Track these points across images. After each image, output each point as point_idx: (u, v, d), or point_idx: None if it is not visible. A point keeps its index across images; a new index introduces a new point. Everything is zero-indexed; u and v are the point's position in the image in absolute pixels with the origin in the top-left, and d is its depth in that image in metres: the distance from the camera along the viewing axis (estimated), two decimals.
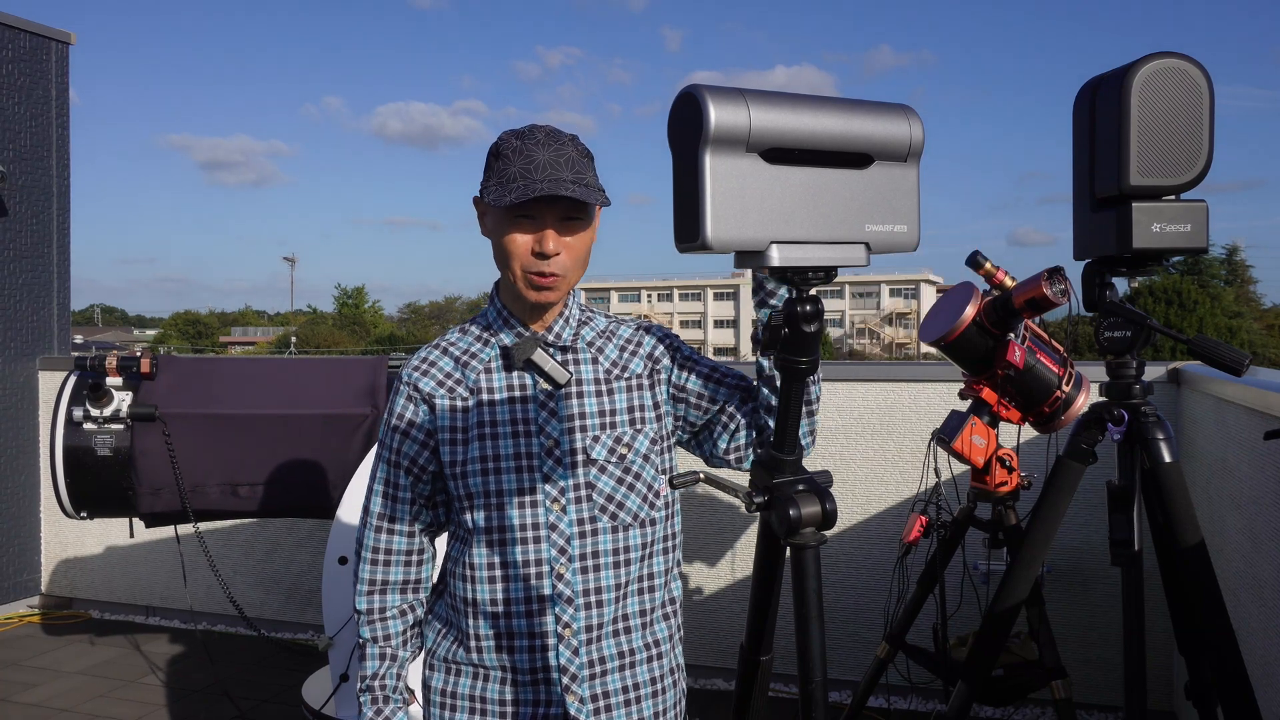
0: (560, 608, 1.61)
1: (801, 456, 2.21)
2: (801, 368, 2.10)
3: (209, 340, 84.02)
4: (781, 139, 1.85)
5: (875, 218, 1.96)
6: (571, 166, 1.56)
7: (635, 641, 1.66)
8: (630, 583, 1.64)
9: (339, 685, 3.04)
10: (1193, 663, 2.44)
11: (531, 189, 1.51)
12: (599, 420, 1.63)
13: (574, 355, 1.66)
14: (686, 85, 1.85)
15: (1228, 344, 2.18)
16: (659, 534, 1.67)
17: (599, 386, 1.64)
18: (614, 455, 1.62)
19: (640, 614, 1.67)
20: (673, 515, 1.71)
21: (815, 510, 2.08)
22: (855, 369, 4.16)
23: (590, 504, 1.62)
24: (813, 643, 2.05)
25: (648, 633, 1.67)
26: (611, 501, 1.62)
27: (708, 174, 1.78)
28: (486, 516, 1.62)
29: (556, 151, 1.56)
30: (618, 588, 1.63)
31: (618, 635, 1.65)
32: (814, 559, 2.08)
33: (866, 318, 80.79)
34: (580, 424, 1.62)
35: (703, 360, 1.73)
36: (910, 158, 1.99)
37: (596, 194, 1.59)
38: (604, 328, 1.70)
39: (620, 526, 1.63)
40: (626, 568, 1.63)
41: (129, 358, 3.15)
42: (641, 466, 1.63)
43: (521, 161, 1.54)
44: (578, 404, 1.63)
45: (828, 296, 76.08)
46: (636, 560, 1.64)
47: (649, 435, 1.64)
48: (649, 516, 1.64)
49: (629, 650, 1.66)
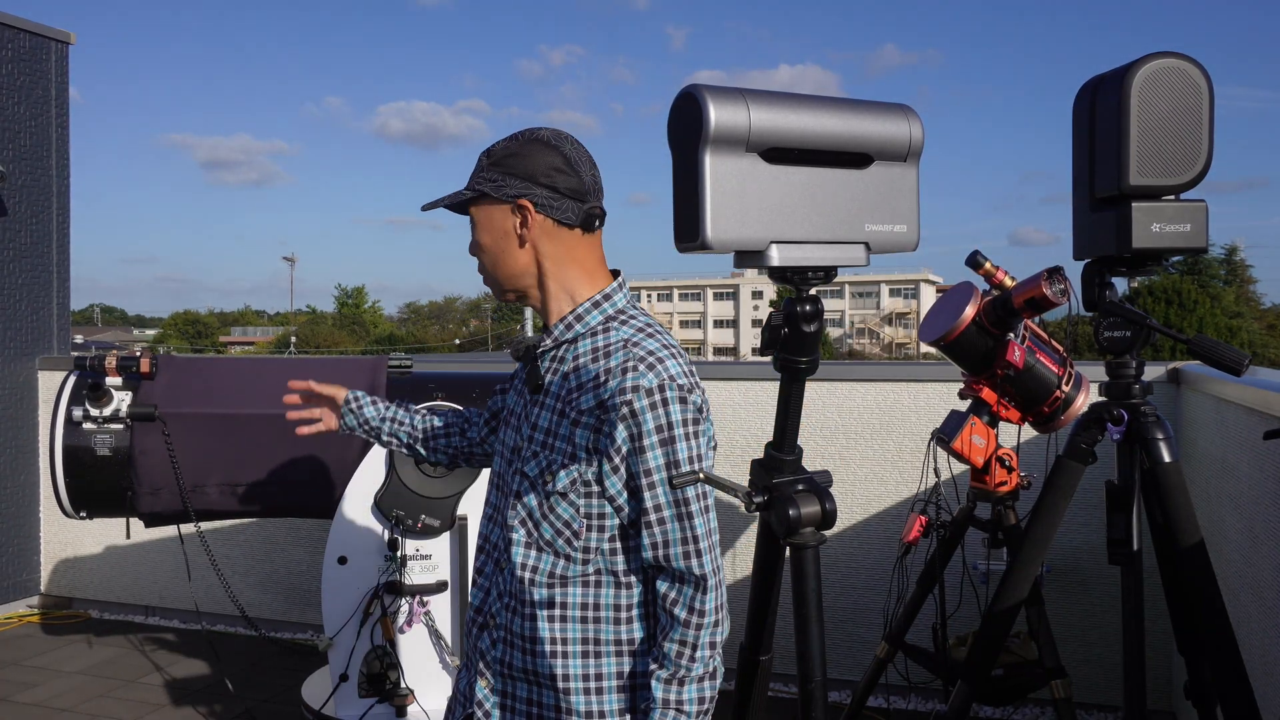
0: (492, 600, 1.64)
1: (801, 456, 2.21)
2: (801, 367, 2.11)
3: (209, 340, 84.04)
4: (781, 139, 1.85)
5: (875, 217, 1.96)
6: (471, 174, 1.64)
7: (542, 666, 1.55)
8: (541, 604, 1.54)
9: (339, 685, 3.04)
10: (1192, 662, 2.44)
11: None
12: (542, 437, 1.57)
13: (556, 364, 1.61)
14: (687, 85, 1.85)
15: (1228, 344, 2.18)
16: (575, 571, 1.52)
17: (558, 404, 1.57)
18: (540, 478, 1.55)
19: (551, 640, 1.54)
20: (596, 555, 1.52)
21: (815, 510, 2.08)
22: (855, 369, 4.16)
23: (515, 512, 1.60)
24: (812, 643, 2.05)
25: (557, 662, 1.54)
26: (531, 518, 1.56)
27: (708, 174, 1.78)
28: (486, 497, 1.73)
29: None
30: (530, 603, 1.55)
31: (518, 649, 1.57)
32: (814, 559, 2.08)
33: (866, 318, 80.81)
34: (533, 434, 1.60)
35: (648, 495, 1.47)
36: (910, 157, 1.99)
37: (456, 194, 1.62)
38: (601, 346, 1.56)
39: (533, 544, 1.55)
40: (533, 588, 1.55)
41: (128, 358, 3.15)
42: (557, 501, 1.52)
43: None
44: (539, 414, 1.60)
45: (828, 296, 76.07)
46: (543, 584, 1.54)
47: (569, 475, 1.51)
48: (564, 551, 1.52)
49: (527, 670, 1.56)
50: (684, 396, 1.49)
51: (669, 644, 1.46)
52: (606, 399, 1.49)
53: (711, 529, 1.50)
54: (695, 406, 1.50)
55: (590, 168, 1.63)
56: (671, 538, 1.47)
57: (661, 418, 1.46)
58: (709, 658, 1.47)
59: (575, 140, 1.64)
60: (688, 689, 1.46)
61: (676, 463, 1.46)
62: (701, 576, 1.47)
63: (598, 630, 1.54)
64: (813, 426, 4.07)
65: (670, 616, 1.48)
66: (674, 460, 1.46)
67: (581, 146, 1.64)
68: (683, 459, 1.47)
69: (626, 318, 1.60)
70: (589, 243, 1.64)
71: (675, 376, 1.49)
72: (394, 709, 3.02)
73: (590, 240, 1.64)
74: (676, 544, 1.47)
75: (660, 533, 1.47)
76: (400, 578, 3.03)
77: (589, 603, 1.53)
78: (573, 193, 1.60)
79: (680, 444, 1.47)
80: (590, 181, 1.63)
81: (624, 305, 1.63)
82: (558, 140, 1.61)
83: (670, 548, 1.47)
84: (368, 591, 3.04)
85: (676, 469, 1.46)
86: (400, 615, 3.06)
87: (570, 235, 1.61)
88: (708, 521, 1.50)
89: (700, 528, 1.48)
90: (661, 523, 1.47)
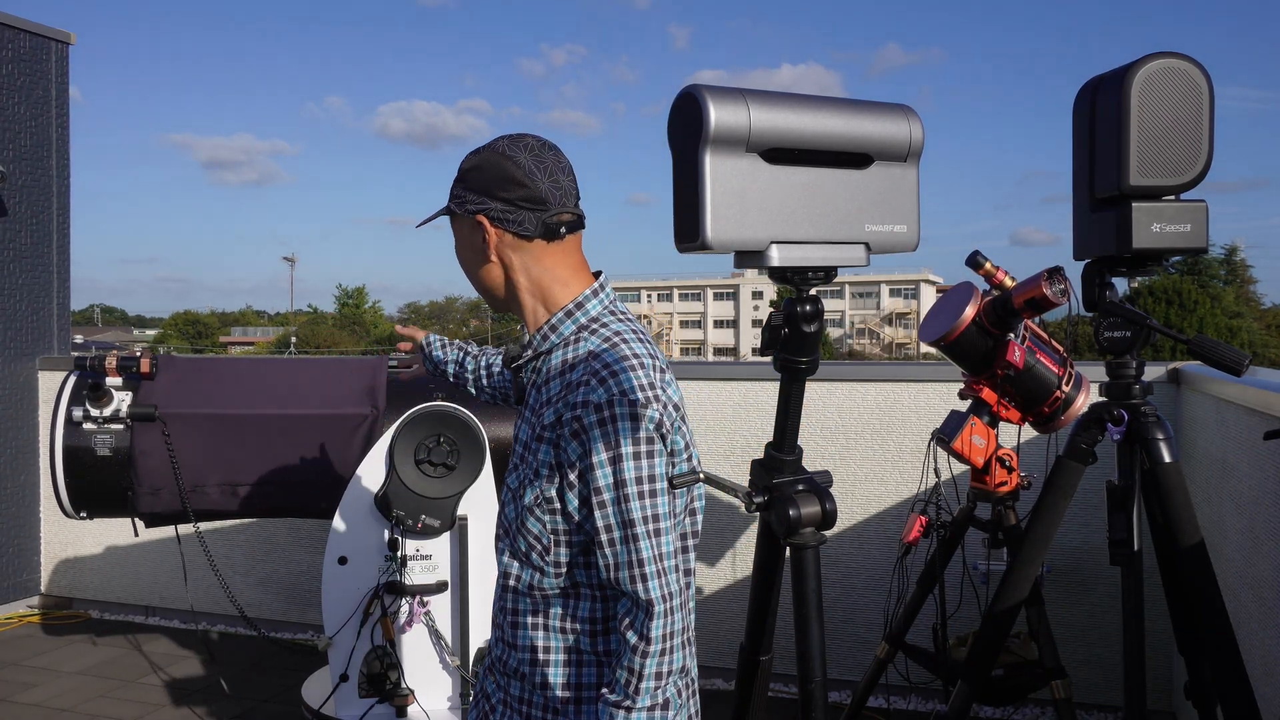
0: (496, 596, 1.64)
1: (801, 457, 2.21)
2: (801, 367, 2.10)
3: (209, 340, 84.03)
4: (781, 139, 1.85)
5: (875, 218, 1.96)
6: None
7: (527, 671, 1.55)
8: (523, 612, 1.54)
9: (339, 685, 3.04)
10: (1193, 662, 2.44)
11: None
12: (520, 450, 1.55)
13: (534, 376, 1.58)
14: (687, 85, 1.85)
15: (1228, 344, 2.18)
16: (551, 584, 1.50)
17: (531, 417, 1.54)
18: (519, 490, 1.52)
19: (532, 649, 1.53)
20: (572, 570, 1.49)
21: (815, 510, 2.08)
22: (855, 369, 4.16)
23: (500, 521, 1.59)
24: (812, 643, 2.05)
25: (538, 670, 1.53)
26: (510, 529, 1.54)
27: (708, 174, 1.78)
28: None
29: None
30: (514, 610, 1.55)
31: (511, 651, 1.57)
32: (814, 559, 2.08)
33: (866, 318, 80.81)
34: (515, 445, 1.59)
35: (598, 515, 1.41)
36: (910, 158, 1.99)
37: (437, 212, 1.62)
38: (570, 359, 1.51)
39: (515, 554, 1.53)
40: (516, 596, 1.54)
41: (128, 358, 3.15)
42: (526, 515, 1.49)
43: None
44: (521, 425, 1.58)
45: (828, 296, 76.07)
46: (525, 594, 1.53)
47: (534, 490, 1.48)
48: (538, 564, 1.49)
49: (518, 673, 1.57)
50: (636, 413, 1.40)
51: (620, 670, 1.41)
52: (563, 414, 1.44)
53: (663, 553, 1.41)
54: (651, 422, 1.41)
55: (553, 175, 1.55)
56: (620, 560, 1.41)
57: (611, 434, 1.39)
58: (656, 689, 1.39)
59: (541, 146, 1.57)
60: (635, 717, 1.39)
61: (624, 482, 1.39)
62: (648, 601, 1.39)
63: (578, 640, 1.51)
64: (813, 426, 4.07)
65: (623, 639, 1.42)
66: (621, 479, 1.39)
67: (547, 153, 1.56)
68: (631, 478, 1.39)
69: (599, 326, 1.54)
70: (558, 250, 1.56)
71: (628, 391, 1.41)
72: (394, 709, 3.02)
73: (559, 248, 1.56)
74: (624, 566, 1.40)
75: (610, 554, 1.41)
76: (400, 578, 3.03)
77: (568, 614, 1.51)
78: (529, 203, 1.52)
79: (629, 463, 1.39)
80: (549, 189, 1.54)
81: (598, 312, 1.56)
82: (514, 149, 1.54)
83: (619, 570, 1.41)
84: (368, 591, 3.04)
85: (623, 489, 1.39)
86: (400, 615, 3.06)
87: (535, 246, 1.54)
88: (658, 545, 1.41)
89: (647, 550, 1.40)
90: (611, 544, 1.41)
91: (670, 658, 1.40)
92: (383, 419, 3.21)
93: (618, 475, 1.39)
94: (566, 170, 1.58)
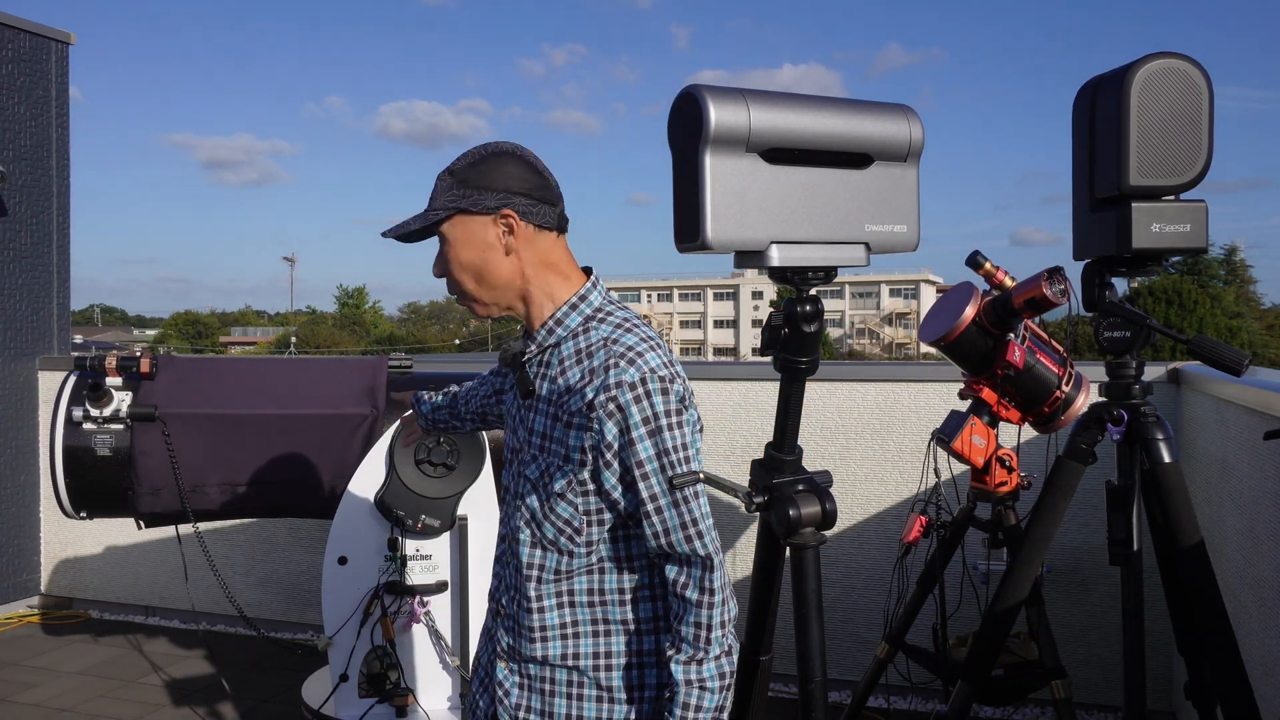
0: (501, 591, 1.72)
1: (801, 457, 2.21)
2: (801, 367, 2.10)
3: (209, 340, 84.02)
4: (781, 139, 1.85)
5: (875, 218, 1.96)
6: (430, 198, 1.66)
7: (552, 650, 1.63)
8: (548, 596, 1.62)
9: (339, 685, 3.04)
10: (1193, 663, 2.44)
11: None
12: (539, 441, 1.62)
13: (543, 369, 1.64)
14: (687, 85, 1.85)
15: (1227, 344, 2.18)
16: (579, 564, 1.60)
17: (550, 408, 1.61)
18: (541, 479, 1.60)
19: (560, 625, 1.63)
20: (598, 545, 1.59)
21: (815, 510, 2.08)
22: (855, 369, 4.16)
23: (520, 513, 1.65)
24: (812, 643, 2.05)
25: (569, 643, 1.63)
26: (534, 519, 1.61)
27: (708, 174, 1.78)
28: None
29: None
30: (537, 598, 1.62)
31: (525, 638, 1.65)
32: (814, 559, 2.08)
33: (866, 318, 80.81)
34: (530, 438, 1.65)
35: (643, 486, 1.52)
36: (910, 158, 1.99)
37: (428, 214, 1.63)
38: (584, 347, 1.60)
39: (538, 543, 1.61)
40: (539, 584, 1.62)
41: (128, 358, 3.15)
42: (556, 501, 1.58)
43: None
44: (534, 418, 1.65)
45: (828, 296, 76.06)
46: (550, 579, 1.61)
47: (565, 476, 1.56)
48: (567, 548, 1.59)
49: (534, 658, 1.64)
50: (666, 388, 1.53)
51: (685, 628, 1.53)
52: (593, 398, 1.52)
53: (705, 512, 1.55)
54: (678, 396, 1.55)
55: (550, 174, 1.67)
56: (671, 524, 1.52)
57: (647, 409, 1.51)
58: (723, 636, 1.53)
59: (528, 151, 1.68)
60: (707, 667, 1.52)
61: (666, 451, 1.51)
62: (706, 556, 1.52)
63: (605, 611, 1.61)
64: (813, 426, 4.07)
65: (682, 600, 1.54)
66: (663, 449, 1.51)
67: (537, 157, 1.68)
68: (671, 447, 1.52)
69: (604, 315, 1.63)
70: (562, 245, 1.67)
71: (656, 369, 1.53)
72: (394, 709, 3.02)
73: (563, 243, 1.68)
74: (677, 529, 1.52)
75: (659, 521, 1.52)
76: (400, 578, 3.03)
77: (594, 588, 1.61)
78: (549, 198, 1.64)
79: (667, 433, 1.52)
80: (556, 186, 1.67)
81: (600, 303, 1.65)
82: (521, 151, 1.65)
83: (673, 534, 1.52)
84: (368, 591, 3.04)
85: (667, 457, 1.51)
86: (400, 615, 3.06)
87: (547, 239, 1.64)
88: (702, 505, 1.55)
89: (697, 510, 1.53)
90: (659, 511, 1.52)
91: (729, 606, 1.54)
92: (383, 419, 3.21)
93: (659, 446, 1.51)
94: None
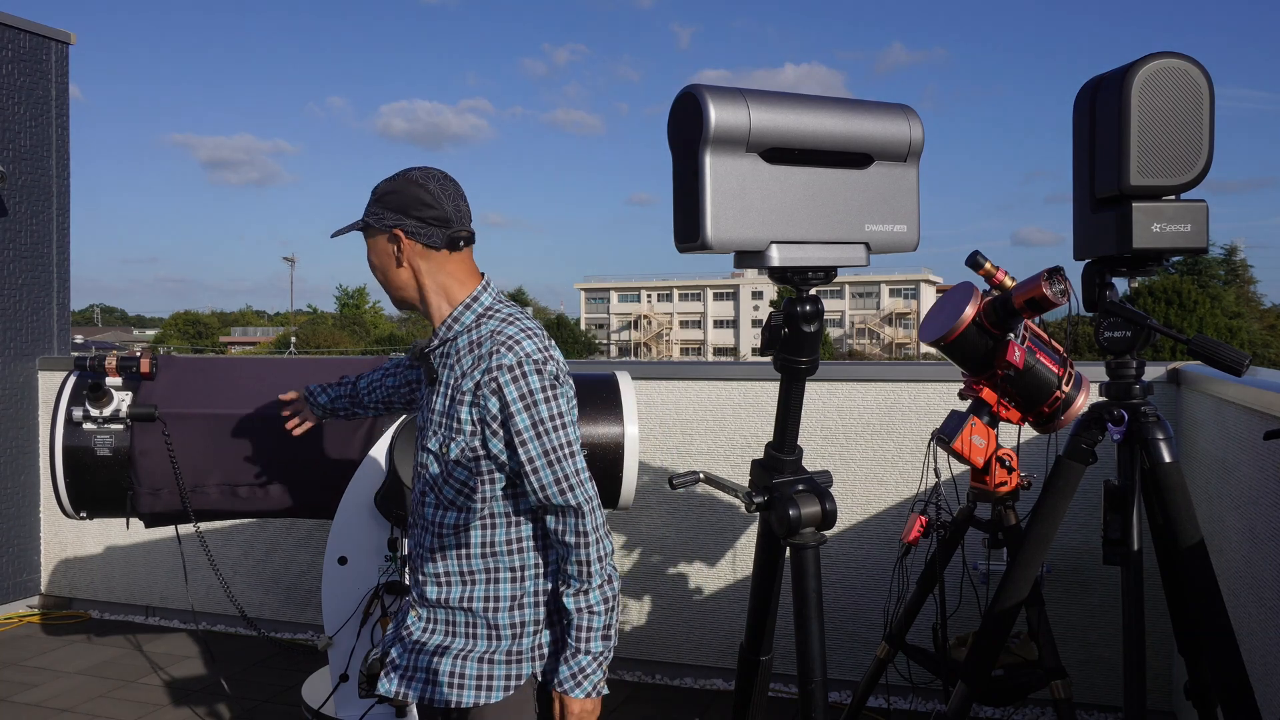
0: (412, 547, 2.05)
1: (801, 457, 2.21)
2: (801, 367, 2.10)
3: (209, 340, 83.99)
4: (781, 139, 1.85)
5: (875, 218, 1.96)
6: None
7: (453, 594, 1.96)
8: (449, 548, 1.95)
9: (339, 685, 3.04)
10: (1192, 663, 2.44)
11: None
12: (437, 419, 1.94)
13: (443, 360, 1.95)
14: (686, 85, 1.85)
15: (1227, 344, 2.18)
16: (474, 520, 1.92)
17: (448, 390, 1.92)
18: (440, 450, 1.91)
19: (460, 574, 1.95)
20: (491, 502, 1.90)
21: (815, 510, 2.08)
22: (855, 369, 4.16)
23: (421, 481, 1.99)
24: (812, 642, 2.06)
25: (465, 589, 1.94)
26: (434, 485, 1.94)
27: (708, 174, 1.78)
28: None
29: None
30: (440, 549, 1.95)
31: (431, 584, 1.98)
32: (814, 559, 2.08)
33: (866, 318, 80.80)
34: (431, 416, 1.96)
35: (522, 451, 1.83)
36: (910, 157, 1.99)
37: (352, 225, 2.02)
38: (475, 339, 1.90)
39: (440, 505, 1.94)
40: (440, 538, 1.95)
41: (128, 358, 3.15)
42: (454, 467, 1.89)
43: None
44: (435, 400, 1.95)
45: (828, 296, 76.02)
46: (450, 533, 1.94)
47: (459, 445, 1.88)
48: (464, 505, 1.91)
49: (439, 602, 1.98)
50: (540, 369, 1.84)
51: (570, 566, 1.86)
52: (480, 379, 1.85)
53: (579, 468, 1.85)
54: (551, 374, 1.85)
55: (454, 200, 1.94)
56: (547, 480, 1.83)
57: (523, 387, 1.82)
58: (601, 569, 1.85)
59: (445, 178, 1.96)
60: (593, 595, 1.85)
61: (540, 420, 1.82)
62: (576, 505, 1.83)
63: (495, 561, 1.93)
64: (813, 426, 4.07)
65: (563, 544, 1.87)
66: (538, 419, 1.82)
67: (449, 183, 1.96)
68: (545, 416, 1.82)
69: (493, 313, 1.94)
70: (458, 258, 1.95)
71: (530, 354, 1.84)
72: (394, 709, 3.02)
73: (459, 256, 1.95)
74: (551, 484, 1.83)
75: (537, 479, 1.83)
76: (400, 578, 3.03)
77: (486, 541, 1.92)
78: (437, 221, 1.92)
79: (540, 406, 1.82)
80: (453, 210, 1.93)
81: (490, 303, 1.95)
82: (424, 178, 1.94)
83: (548, 489, 1.83)
84: (368, 591, 3.04)
85: (541, 425, 1.82)
86: None
87: (440, 255, 1.94)
88: (574, 463, 1.85)
89: (569, 467, 1.83)
90: (536, 471, 1.83)
91: (603, 544, 1.87)
92: (383, 419, 3.21)
93: (534, 416, 1.82)
94: (464, 198, 1.99)
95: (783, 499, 2.07)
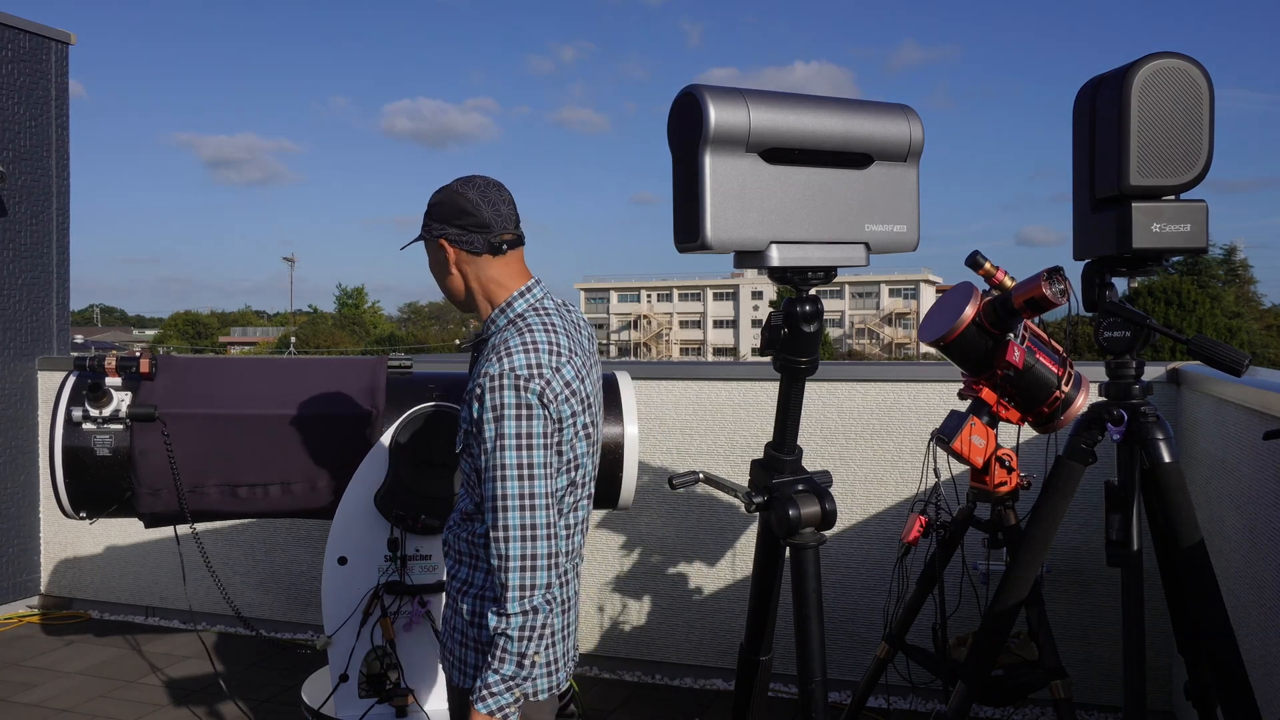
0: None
1: (800, 457, 2.21)
2: (801, 367, 2.10)
3: (209, 340, 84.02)
4: (781, 139, 1.85)
5: (875, 218, 1.96)
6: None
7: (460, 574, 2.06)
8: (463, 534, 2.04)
9: (339, 685, 3.04)
10: (1192, 662, 2.44)
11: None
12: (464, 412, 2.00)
13: (481, 358, 2.02)
14: (687, 86, 1.85)
15: (1227, 344, 2.18)
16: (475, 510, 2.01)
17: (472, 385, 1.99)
18: (461, 444, 2.00)
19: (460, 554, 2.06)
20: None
21: (814, 510, 2.08)
22: (855, 369, 4.16)
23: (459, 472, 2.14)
24: (812, 643, 2.06)
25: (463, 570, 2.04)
26: (462, 470, 2.05)
27: (708, 174, 1.78)
28: None
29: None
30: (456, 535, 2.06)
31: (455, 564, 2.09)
32: (813, 559, 2.08)
33: (866, 318, 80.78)
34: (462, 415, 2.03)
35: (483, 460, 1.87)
36: (910, 158, 1.99)
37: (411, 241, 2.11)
38: (494, 343, 1.95)
39: (464, 488, 2.05)
40: (460, 526, 2.04)
41: (128, 358, 3.15)
42: (463, 459, 2.01)
43: None
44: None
45: (827, 296, 75.98)
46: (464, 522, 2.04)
47: (462, 440, 1.98)
48: (475, 497, 1.99)
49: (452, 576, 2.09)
50: (519, 384, 1.82)
51: (497, 585, 1.85)
52: (471, 384, 1.92)
53: (534, 492, 1.81)
54: (533, 392, 1.82)
55: (495, 206, 1.99)
56: (489, 494, 1.83)
57: (497, 399, 1.82)
58: (521, 598, 1.80)
59: (487, 184, 2.01)
60: (511, 621, 1.80)
61: (502, 435, 1.80)
62: (505, 527, 1.81)
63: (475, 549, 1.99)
64: (813, 426, 4.07)
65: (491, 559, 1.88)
66: (500, 433, 1.81)
67: (491, 189, 2.01)
68: (507, 433, 1.80)
69: (521, 319, 1.97)
70: (501, 262, 2.00)
71: (515, 368, 1.83)
72: (394, 709, 3.02)
73: (502, 260, 2.00)
74: (489, 499, 1.83)
75: (487, 490, 1.84)
76: (400, 578, 3.03)
77: (476, 532, 1.99)
78: (477, 227, 1.98)
79: (507, 422, 1.81)
80: (492, 216, 1.98)
81: (523, 309, 1.99)
82: (464, 187, 2.00)
83: (486, 503, 1.85)
84: (368, 591, 3.04)
85: (501, 440, 1.81)
86: (400, 615, 3.05)
87: (483, 259, 2.00)
88: (526, 486, 1.81)
89: (512, 488, 1.80)
90: (484, 483, 1.85)
91: (528, 573, 1.81)
92: (383, 419, 3.21)
93: (498, 429, 1.81)
94: (508, 202, 2.02)
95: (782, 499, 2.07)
